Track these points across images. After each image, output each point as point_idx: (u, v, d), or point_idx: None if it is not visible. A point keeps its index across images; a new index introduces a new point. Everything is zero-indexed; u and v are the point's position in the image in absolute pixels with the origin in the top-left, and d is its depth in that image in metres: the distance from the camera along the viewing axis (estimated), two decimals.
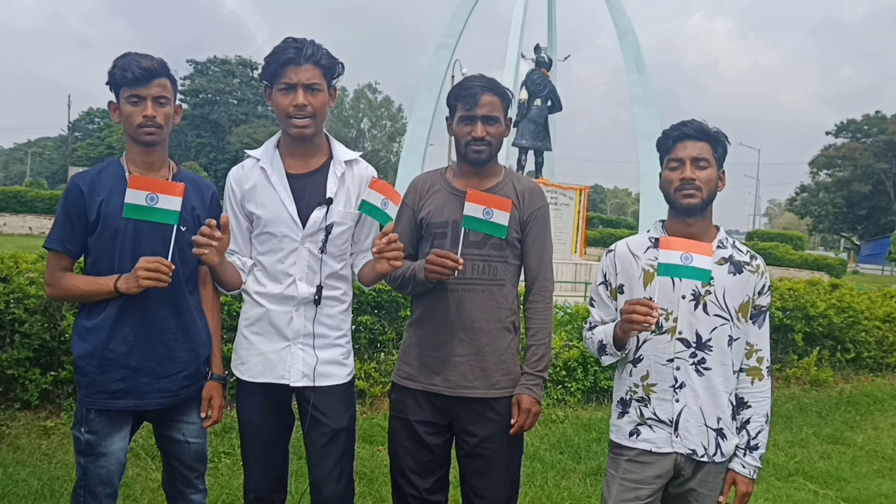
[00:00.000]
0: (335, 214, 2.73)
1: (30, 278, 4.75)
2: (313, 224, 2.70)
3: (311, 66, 2.63)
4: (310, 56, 2.62)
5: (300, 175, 2.74)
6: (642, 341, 2.60)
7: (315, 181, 2.75)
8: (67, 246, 2.62)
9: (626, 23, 22.38)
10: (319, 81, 2.66)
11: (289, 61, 2.61)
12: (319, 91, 2.67)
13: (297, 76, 2.62)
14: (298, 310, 2.72)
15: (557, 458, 5.23)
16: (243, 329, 2.82)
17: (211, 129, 63.46)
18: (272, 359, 2.74)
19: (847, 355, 8.35)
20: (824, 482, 5.28)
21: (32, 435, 4.64)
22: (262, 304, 2.74)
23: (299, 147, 2.75)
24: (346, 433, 2.81)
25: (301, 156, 2.76)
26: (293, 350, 2.73)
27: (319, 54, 2.65)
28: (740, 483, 2.60)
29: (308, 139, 2.72)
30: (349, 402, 2.85)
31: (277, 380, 2.74)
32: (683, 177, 2.52)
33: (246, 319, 2.81)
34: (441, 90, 21.77)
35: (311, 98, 2.64)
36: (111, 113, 2.70)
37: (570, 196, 17.89)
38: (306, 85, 2.63)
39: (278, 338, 2.73)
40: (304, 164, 2.76)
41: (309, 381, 2.73)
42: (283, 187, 2.71)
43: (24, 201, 28.85)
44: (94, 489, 2.66)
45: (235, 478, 4.39)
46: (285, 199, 2.69)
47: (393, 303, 6.05)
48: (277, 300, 2.72)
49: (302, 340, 2.73)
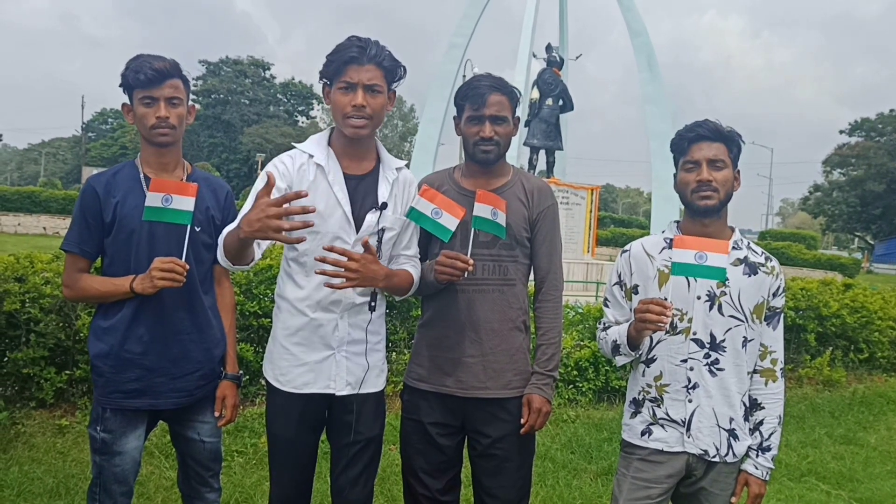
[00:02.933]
0: (387, 219, 2.68)
1: (45, 278, 4.78)
2: (368, 227, 2.64)
3: (374, 66, 2.56)
4: (373, 56, 2.56)
5: (354, 176, 2.68)
6: (656, 342, 2.60)
7: (368, 184, 2.69)
8: (84, 248, 2.65)
9: (638, 22, 22.32)
10: (380, 83, 2.59)
11: (351, 60, 2.54)
12: (379, 93, 2.59)
13: (358, 76, 2.55)
14: (343, 317, 2.65)
15: (569, 458, 5.23)
16: (282, 340, 2.70)
17: (223, 130, 63.65)
18: (316, 369, 2.66)
19: (860, 355, 8.30)
20: (837, 483, 5.25)
21: (48, 433, 4.67)
22: (305, 312, 2.64)
23: (353, 147, 2.68)
24: (377, 441, 2.78)
25: (355, 157, 2.70)
26: (337, 358, 2.66)
27: (383, 56, 2.58)
28: (753, 484, 2.60)
29: (362, 141, 2.67)
30: (382, 408, 2.82)
31: (323, 390, 2.66)
32: (700, 178, 2.52)
33: (286, 329, 2.69)
34: (452, 90, 21.72)
35: (370, 99, 2.57)
36: (125, 115, 2.71)
37: (581, 196, 17.86)
38: (367, 85, 2.56)
39: (322, 347, 2.65)
40: (357, 166, 2.70)
41: (353, 390, 2.68)
42: (340, 187, 2.63)
43: (38, 201, 28.99)
44: (109, 487, 2.68)
45: (248, 476, 4.41)
46: (342, 199, 2.62)
47: (404, 303, 6.06)
48: (321, 307, 2.64)
49: (346, 348, 2.66)
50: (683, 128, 2.62)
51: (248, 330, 5.34)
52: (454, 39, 23.05)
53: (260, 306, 5.32)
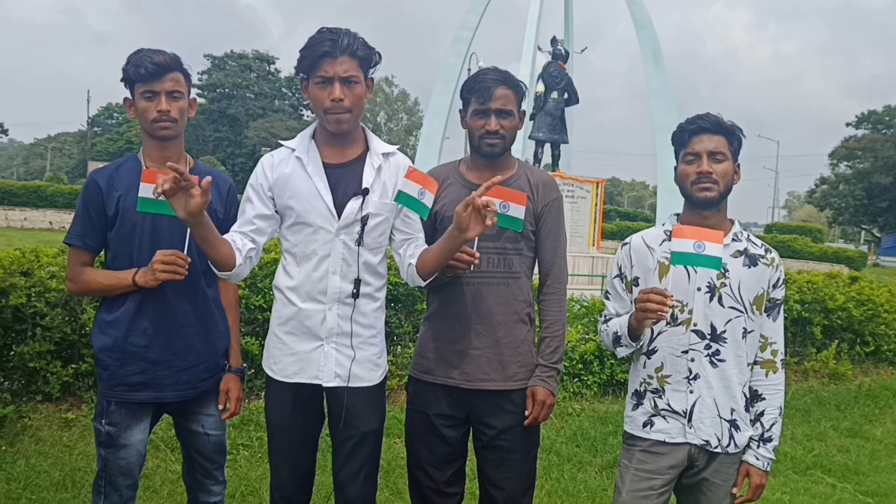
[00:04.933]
0: (371, 205, 2.65)
1: (51, 272, 4.80)
2: (349, 215, 2.63)
3: (348, 58, 2.55)
4: (346, 48, 2.54)
5: (336, 165, 2.68)
6: (657, 333, 2.61)
7: (351, 172, 2.68)
8: (87, 241, 2.66)
9: (643, 14, 22.23)
10: (356, 74, 2.58)
11: (325, 54, 2.53)
12: (356, 83, 2.59)
13: (333, 69, 2.54)
14: (332, 308, 2.64)
15: (574, 451, 5.24)
16: (275, 328, 2.73)
17: (228, 124, 63.64)
18: (305, 359, 2.67)
19: (866, 348, 8.29)
20: (842, 476, 5.25)
21: (54, 427, 4.70)
22: (294, 302, 2.66)
23: (335, 138, 2.69)
24: (375, 435, 2.76)
25: (338, 146, 2.70)
26: (326, 350, 2.66)
27: (356, 45, 2.56)
28: (754, 475, 2.61)
29: (345, 132, 2.68)
30: (380, 403, 2.79)
31: (310, 380, 2.67)
32: (700, 170, 2.52)
33: (278, 318, 2.72)
34: (457, 84, 21.66)
35: (347, 91, 2.57)
36: (127, 109, 2.72)
37: (586, 189, 17.81)
38: (343, 78, 2.55)
39: (311, 337, 2.66)
40: (340, 155, 2.70)
41: (342, 382, 2.67)
42: (320, 177, 2.64)
43: (44, 196, 29.11)
44: (114, 480, 2.70)
45: (253, 469, 4.44)
46: (321, 189, 2.62)
47: (409, 296, 6.07)
48: (310, 297, 2.65)
49: (335, 340, 2.66)
50: (685, 120, 2.63)
51: (252, 324, 5.36)
52: (459, 33, 22.99)
53: (265, 300, 5.33)
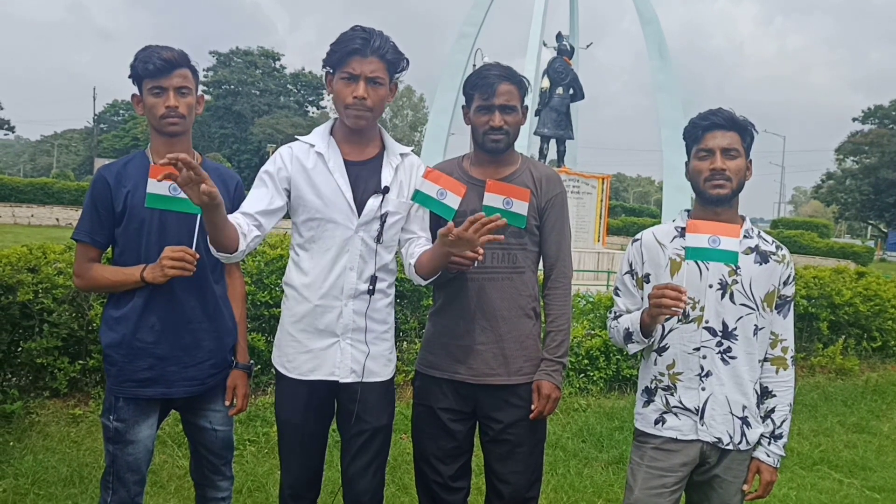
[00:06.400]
0: (390, 204, 2.68)
1: (58, 268, 4.81)
2: (369, 212, 2.65)
3: (377, 58, 2.56)
4: (376, 49, 2.56)
5: (356, 163, 2.69)
6: (668, 330, 2.60)
7: (370, 169, 2.70)
8: (95, 237, 2.66)
9: (649, 9, 22.19)
10: (382, 76, 2.59)
11: (355, 51, 2.54)
12: (381, 85, 2.60)
13: (360, 67, 2.55)
14: (347, 304, 2.65)
15: (580, 447, 5.23)
16: (289, 326, 2.73)
17: (234, 120, 63.72)
18: (321, 356, 2.67)
19: (873, 344, 8.26)
20: (849, 471, 5.24)
21: (61, 423, 4.71)
22: (308, 299, 2.66)
23: (354, 135, 2.70)
24: (386, 430, 2.78)
25: (357, 144, 2.71)
26: (342, 346, 2.67)
27: (386, 48, 2.58)
28: (764, 471, 2.61)
29: (363, 130, 2.69)
30: (391, 398, 2.81)
31: (327, 377, 2.67)
32: (714, 167, 2.51)
33: (292, 316, 2.72)
34: (462, 79, 21.54)
35: (371, 91, 2.58)
36: (135, 106, 2.71)
37: (592, 185, 17.80)
38: (369, 78, 2.56)
39: (326, 334, 2.66)
40: (359, 152, 2.71)
41: (357, 377, 2.68)
42: (341, 173, 2.65)
43: (51, 193, 29.18)
44: (122, 476, 2.70)
45: (261, 465, 4.44)
46: (342, 185, 2.64)
47: (415, 292, 6.07)
48: (325, 294, 2.65)
49: (351, 336, 2.67)
50: (697, 116, 2.60)
51: (259, 320, 5.36)
52: (464, 29, 22.99)
53: (271, 296, 5.33)
